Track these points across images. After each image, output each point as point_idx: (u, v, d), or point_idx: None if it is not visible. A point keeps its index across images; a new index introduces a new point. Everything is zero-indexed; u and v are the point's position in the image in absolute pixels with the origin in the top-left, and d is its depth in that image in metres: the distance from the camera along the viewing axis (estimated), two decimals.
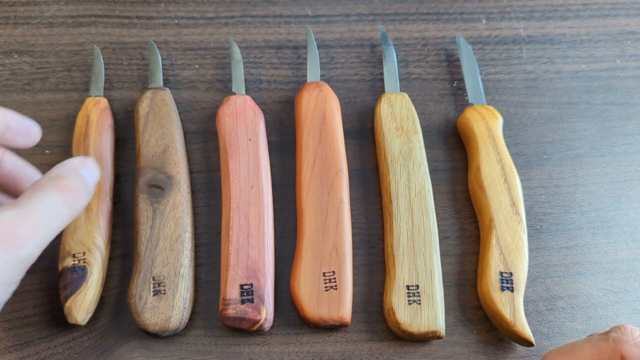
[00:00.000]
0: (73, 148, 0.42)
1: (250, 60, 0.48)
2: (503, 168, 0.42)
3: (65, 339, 0.38)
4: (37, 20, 0.49)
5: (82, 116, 0.43)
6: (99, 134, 0.42)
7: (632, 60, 0.50)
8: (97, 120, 0.42)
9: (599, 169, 0.46)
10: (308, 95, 0.44)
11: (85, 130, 0.42)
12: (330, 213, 0.40)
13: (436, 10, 0.51)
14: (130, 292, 0.38)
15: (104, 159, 0.41)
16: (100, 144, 0.42)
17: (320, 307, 0.38)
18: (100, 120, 0.42)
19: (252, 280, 0.38)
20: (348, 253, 0.39)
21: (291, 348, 0.39)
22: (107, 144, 0.42)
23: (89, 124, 0.42)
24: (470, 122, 0.44)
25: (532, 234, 0.43)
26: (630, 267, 0.42)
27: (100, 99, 0.44)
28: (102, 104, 0.43)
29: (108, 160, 0.42)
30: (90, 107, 0.43)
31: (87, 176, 0.32)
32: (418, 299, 0.38)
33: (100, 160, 0.41)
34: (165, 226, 0.39)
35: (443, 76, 0.49)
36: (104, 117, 0.43)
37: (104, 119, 0.43)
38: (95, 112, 0.43)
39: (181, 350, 0.38)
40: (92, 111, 0.43)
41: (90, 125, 0.42)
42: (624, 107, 0.48)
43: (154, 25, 0.49)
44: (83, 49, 0.48)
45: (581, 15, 0.52)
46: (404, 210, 0.41)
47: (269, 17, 0.50)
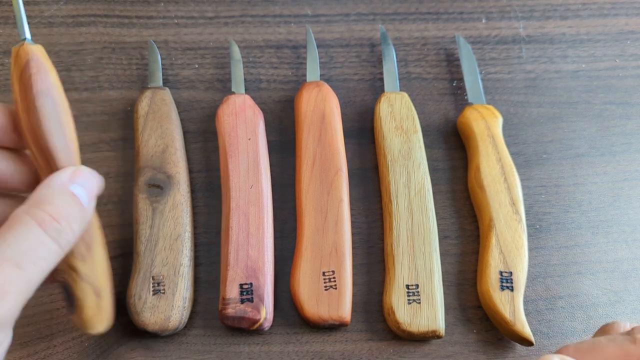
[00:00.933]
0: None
1: (249, 60, 0.48)
2: (503, 167, 0.42)
3: (65, 339, 0.38)
4: (36, 20, 0.49)
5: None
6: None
7: (632, 60, 0.50)
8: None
9: (599, 168, 0.46)
10: (308, 95, 0.44)
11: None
12: (330, 212, 0.40)
13: (436, 9, 0.51)
14: (130, 291, 0.38)
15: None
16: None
17: (319, 307, 0.38)
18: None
19: (252, 280, 0.38)
20: (348, 252, 0.39)
21: (291, 347, 0.39)
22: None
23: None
24: (470, 122, 0.44)
25: (532, 234, 0.43)
26: (630, 267, 0.42)
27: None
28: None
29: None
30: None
31: (81, 192, 0.26)
32: (418, 298, 0.38)
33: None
34: (165, 226, 0.39)
35: (443, 76, 0.49)
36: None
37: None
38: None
39: (181, 350, 0.38)
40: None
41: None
42: (623, 107, 0.48)
43: (153, 25, 0.49)
44: (82, 49, 0.48)
45: (581, 15, 0.52)
46: (404, 209, 0.41)
47: (269, 16, 0.50)
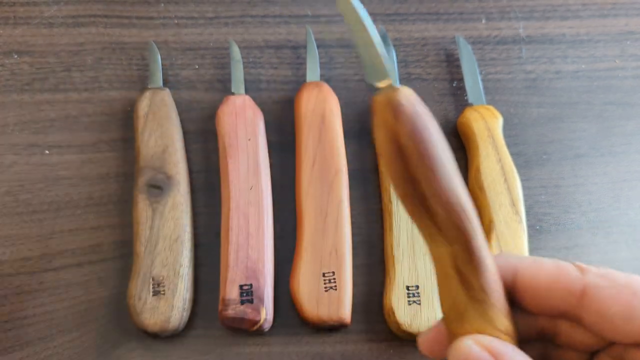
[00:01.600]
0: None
1: (249, 60, 0.48)
2: (503, 168, 0.42)
3: (65, 339, 0.38)
4: (36, 21, 0.49)
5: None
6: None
7: (632, 60, 0.50)
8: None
9: (599, 168, 0.46)
10: (308, 95, 0.44)
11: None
12: (330, 213, 0.40)
13: (436, 10, 0.51)
14: (130, 292, 0.38)
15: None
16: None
17: (319, 308, 0.38)
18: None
19: (252, 281, 0.38)
20: (348, 253, 0.39)
21: (291, 348, 0.39)
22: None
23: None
24: (470, 122, 0.44)
25: (532, 234, 0.43)
26: (631, 267, 0.42)
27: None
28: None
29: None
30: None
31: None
32: (418, 299, 0.38)
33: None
34: (165, 226, 0.39)
35: (443, 76, 0.49)
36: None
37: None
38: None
39: (181, 351, 0.38)
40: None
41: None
42: (623, 107, 0.48)
43: (153, 26, 0.49)
44: (83, 49, 0.48)
45: (581, 15, 0.52)
46: (404, 210, 0.40)
47: (269, 17, 0.50)
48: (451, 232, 0.23)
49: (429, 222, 0.23)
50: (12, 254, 0.41)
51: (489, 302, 0.23)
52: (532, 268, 0.25)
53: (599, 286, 0.24)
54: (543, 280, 0.25)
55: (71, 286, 0.40)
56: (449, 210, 0.23)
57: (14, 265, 0.40)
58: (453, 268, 0.24)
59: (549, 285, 0.25)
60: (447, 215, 0.23)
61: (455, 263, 0.24)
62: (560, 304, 0.25)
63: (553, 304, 0.25)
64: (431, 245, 0.24)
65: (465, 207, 0.23)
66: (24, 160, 0.43)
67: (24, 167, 0.43)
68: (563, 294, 0.24)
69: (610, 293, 0.23)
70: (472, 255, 0.24)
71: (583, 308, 0.24)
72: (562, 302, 0.24)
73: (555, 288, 0.24)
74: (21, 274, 0.40)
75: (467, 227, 0.23)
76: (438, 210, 0.23)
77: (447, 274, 0.24)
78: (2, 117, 0.45)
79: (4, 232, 0.41)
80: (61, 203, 0.42)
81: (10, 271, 0.40)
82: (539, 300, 0.25)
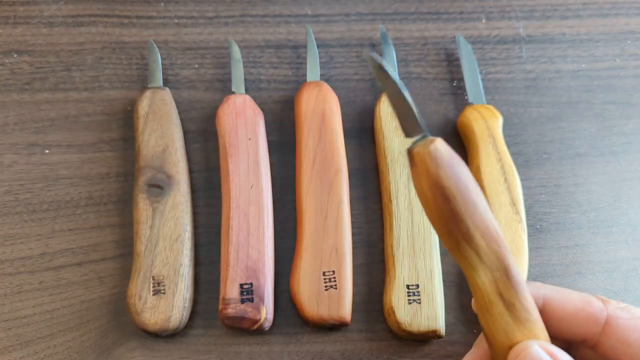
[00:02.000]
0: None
1: (250, 60, 0.48)
2: (503, 167, 0.42)
3: (65, 338, 0.38)
4: (36, 20, 0.49)
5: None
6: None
7: (632, 60, 0.50)
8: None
9: (599, 168, 0.46)
10: (308, 95, 0.44)
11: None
12: (330, 212, 0.40)
13: (436, 9, 0.51)
14: (130, 291, 0.38)
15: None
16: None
17: (320, 307, 0.38)
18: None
19: (252, 280, 0.38)
20: (348, 252, 0.39)
21: (291, 347, 0.39)
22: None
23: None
24: (470, 122, 0.44)
25: (532, 234, 0.43)
26: (630, 267, 0.42)
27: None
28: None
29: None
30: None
31: None
32: (418, 298, 0.38)
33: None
34: (165, 226, 0.39)
35: (443, 76, 0.49)
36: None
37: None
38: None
39: (181, 350, 0.38)
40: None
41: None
42: (624, 107, 0.48)
43: (153, 25, 0.49)
44: (83, 49, 0.48)
45: (581, 15, 0.52)
46: (404, 209, 0.41)
47: (269, 16, 0.50)
48: (491, 260, 0.26)
49: (472, 253, 0.26)
50: (12, 253, 0.41)
51: (532, 320, 0.26)
52: (560, 297, 0.29)
53: (620, 317, 0.28)
54: (571, 309, 0.29)
55: (71, 285, 0.40)
56: (489, 239, 0.26)
57: (14, 265, 0.40)
58: (497, 294, 0.26)
59: (576, 313, 0.28)
60: (487, 244, 0.26)
61: (497, 289, 0.26)
62: (585, 330, 0.28)
63: (578, 330, 0.28)
64: (474, 277, 0.27)
65: (500, 235, 0.27)
66: (24, 159, 0.43)
67: (24, 166, 0.43)
68: (588, 322, 0.28)
69: (631, 323, 0.28)
70: (512, 280, 0.26)
71: (605, 335, 0.28)
72: (586, 329, 0.28)
73: (581, 316, 0.28)
74: (21, 273, 0.40)
75: (505, 254, 0.26)
76: (480, 242, 0.26)
77: (491, 302, 0.26)
78: (2, 117, 0.45)
79: (4, 231, 0.41)
80: (61, 203, 0.42)
81: (10, 270, 0.40)
82: (565, 326, 0.29)
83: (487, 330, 0.27)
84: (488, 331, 0.27)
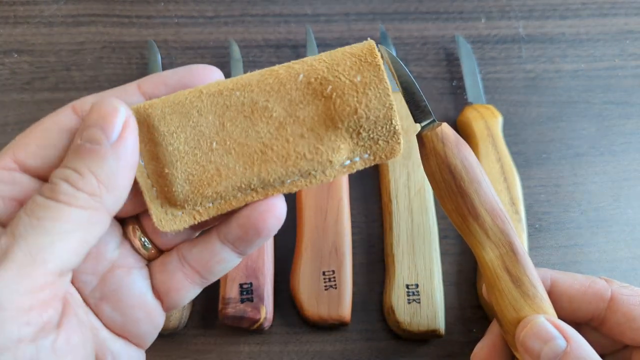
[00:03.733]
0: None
1: (249, 59, 0.48)
2: (503, 167, 0.42)
3: None
4: (36, 20, 0.49)
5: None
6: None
7: (631, 60, 0.50)
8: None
9: (598, 168, 0.46)
10: None
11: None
12: (330, 212, 0.40)
13: (436, 9, 0.51)
14: None
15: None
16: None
17: (319, 306, 0.38)
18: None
19: (252, 279, 0.38)
20: (348, 252, 0.39)
21: (291, 347, 0.39)
22: None
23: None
24: (470, 121, 0.44)
25: (532, 233, 0.43)
26: (630, 266, 0.42)
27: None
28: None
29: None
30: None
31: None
32: (417, 298, 0.38)
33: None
34: None
35: (442, 75, 0.49)
36: None
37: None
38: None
39: (181, 349, 0.38)
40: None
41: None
42: (623, 106, 0.48)
43: (153, 25, 0.49)
44: (83, 48, 0.48)
45: (580, 15, 0.52)
46: (404, 209, 0.41)
47: (269, 16, 0.50)
48: (497, 235, 0.29)
49: (478, 229, 0.29)
50: None
51: (539, 295, 0.28)
52: (567, 277, 0.31)
53: (624, 294, 0.29)
54: (578, 287, 0.30)
55: None
56: (494, 215, 0.28)
57: None
58: (504, 269, 0.28)
59: (584, 291, 0.30)
60: (492, 220, 0.28)
61: (504, 264, 0.28)
62: (592, 308, 0.30)
63: (586, 308, 0.30)
64: (482, 254, 0.29)
65: (505, 213, 0.29)
66: None
67: None
68: (595, 299, 0.30)
69: (635, 300, 0.29)
70: (518, 255, 0.28)
71: (610, 311, 0.29)
72: (594, 306, 0.30)
73: (589, 294, 0.30)
74: None
75: (510, 231, 0.29)
76: (485, 217, 0.28)
77: (499, 277, 0.28)
78: (2, 116, 0.45)
79: None
80: None
81: None
82: (574, 305, 0.30)
83: (497, 308, 0.29)
84: (497, 309, 0.29)
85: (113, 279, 0.26)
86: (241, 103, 0.25)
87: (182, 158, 0.25)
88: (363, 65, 0.25)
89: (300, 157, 0.25)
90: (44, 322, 0.21)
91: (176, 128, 0.25)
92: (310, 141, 0.25)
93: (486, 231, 0.29)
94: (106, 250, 0.26)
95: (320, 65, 0.25)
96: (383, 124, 0.25)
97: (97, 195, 0.22)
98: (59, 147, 0.24)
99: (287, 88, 0.25)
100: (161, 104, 0.25)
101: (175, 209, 0.25)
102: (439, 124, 0.29)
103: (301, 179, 0.25)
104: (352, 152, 0.25)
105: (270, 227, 0.25)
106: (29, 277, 0.20)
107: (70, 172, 0.22)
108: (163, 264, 0.27)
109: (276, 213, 0.25)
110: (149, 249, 0.27)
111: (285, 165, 0.25)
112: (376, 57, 0.25)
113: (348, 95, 0.24)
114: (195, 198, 0.25)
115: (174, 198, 0.25)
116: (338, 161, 0.25)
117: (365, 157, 0.26)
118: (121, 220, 0.27)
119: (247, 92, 0.25)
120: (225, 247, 0.26)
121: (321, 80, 0.25)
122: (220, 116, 0.25)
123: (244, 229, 0.25)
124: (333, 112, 0.25)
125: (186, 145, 0.25)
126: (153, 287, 0.27)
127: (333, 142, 0.25)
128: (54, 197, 0.22)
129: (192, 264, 0.26)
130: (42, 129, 0.25)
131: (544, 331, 0.27)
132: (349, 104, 0.24)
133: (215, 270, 0.26)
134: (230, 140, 0.25)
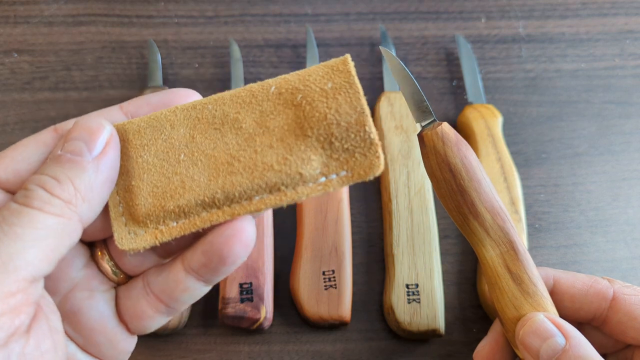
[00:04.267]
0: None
1: (249, 59, 0.48)
2: (502, 167, 0.42)
3: None
4: (36, 20, 0.49)
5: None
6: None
7: (631, 59, 0.50)
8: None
9: (598, 167, 0.46)
10: None
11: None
12: (330, 212, 0.40)
13: (436, 9, 0.51)
14: None
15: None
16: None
17: (319, 306, 0.38)
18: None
19: (252, 279, 0.38)
20: (347, 252, 0.39)
21: (290, 347, 0.39)
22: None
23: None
24: (470, 121, 0.44)
25: (532, 233, 0.43)
26: (629, 266, 0.42)
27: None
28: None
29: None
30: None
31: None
32: (417, 297, 0.38)
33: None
34: None
35: (443, 75, 0.49)
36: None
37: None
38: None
39: (181, 349, 0.38)
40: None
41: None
42: (623, 106, 0.48)
43: (153, 24, 0.49)
44: (83, 48, 0.48)
45: (580, 14, 0.52)
46: (404, 209, 0.41)
47: (269, 16, 0.50)
48: (498, 234, 0.29)
49: (479, 227, 0.29)
50: None
51: (539, 293, 0.28)
52: (569, 277, 0.31)
53: (626, 293, 0.29)
54: (580, 287, 0.30)
55: None
56: (494, 213, 0.29)
57: None
58: (504, 267, 0.29)
59: (586, 290, 0.30)
60: (493, 218, 0.29)
61: (505, 263, 0.29)
62: (594, 307, 0.30)
63: (588, 307, 0.30)
64: (482, 252, 0.29)
65: (505, 212, 0.29)
66: None
67: None
68: (597, 298, 0.30)
69: (636, 299, 0.29)
70: (518, 253, 0.29)
71: (612, 310, 0.29)
72: (596, 305, 0.30)
73: (591, 293, 0.30)
74: None
75: (510, 229, 0.29)
76: (485, 215, 0.29)
77: (500, 275, 0.29)
78: (3, 116, 0.45)
79: None
80: None
81: None
82: (577, 304, 0.30)
83: (498, 306, 0.29)
84: (499, 307, 0.29)
85: (74, 300, 0.25)
86: (212, 115, 0.24)
87: (149, 170, 0.24)
88: (335, 73, 0.24)
89: (267, 168, 0.23)
90: (15, 326, 0.21)
91: (148, 141, 0.24)
92: (278, 151, 0.23)
93: (486, 229, 0.29)
94: (70, 270, 0.25)
95: (293, 77, 0.24)
96: (356, 131, 0.23)
97: (72, 204, 0.22)
98: (33, 162, 0.24)
99: (258, 100, 0.24)
100: (139, 120, 0.25)
101: (138, 227, 0.24)
102: (439, 123, 0.29)
103: (269, 195, 0.23)
104: (326, 167, 0.23)
105: (236, 254, 0.23)
106: (1, 283, 0.20)
107: (47, 178, 0.22)
108: (128, 289, 0.26)
109: (243, 238, 0.23)
110: (117, 273, 0.26)
111: (252, 177, 0.23)
112: (348, 65, 0.24)
113: (318, 101, 0.23)
114: (158, 213, 0.24)
115: (137, 213, 0.24)
116: (310, 175, 0.23)
117: (342, 175, 0.23)
118: (90, 244, 0.26)
119: (219, 105, 0.24)
120: (189, 276, 0.24)
121: (292, 90, 0.24)
122: (191, 129, 0.24)
123: (207, 255, 0.23)
124: (302, 120, 0.23)
125: (155, 157, 0.24)
126: (119, 311, 0.26)
127: (303, 152, 0.23)
128: (27, 204, 0.21)
129: (156, 292, 0.25)
130: (20, 144, 0.24)
131: (543, 328, 0.27)
132: (319, 109, 0.23)
133: (180, 299, 0.25)
134: (198, 152, 0.24)
